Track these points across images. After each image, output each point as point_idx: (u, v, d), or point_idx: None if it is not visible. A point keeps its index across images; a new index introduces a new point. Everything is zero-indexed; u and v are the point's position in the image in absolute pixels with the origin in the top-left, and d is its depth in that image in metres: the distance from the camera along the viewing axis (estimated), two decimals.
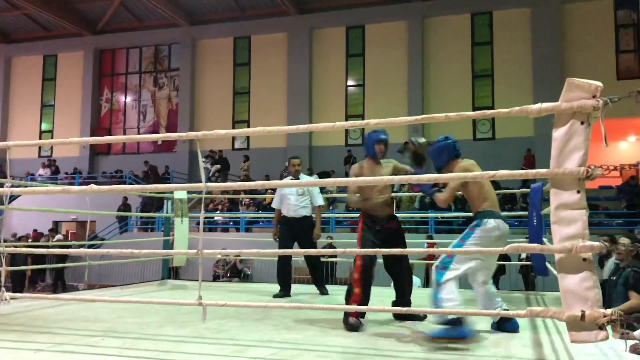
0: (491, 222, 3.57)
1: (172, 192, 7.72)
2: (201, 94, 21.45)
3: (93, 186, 2.95)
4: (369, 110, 19.28)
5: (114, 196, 17.73)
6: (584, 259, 2.23)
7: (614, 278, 4.84)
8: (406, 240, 4.55)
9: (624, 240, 4.40)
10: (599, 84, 2.23)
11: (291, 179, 6.16)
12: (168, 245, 7.93)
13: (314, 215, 6.11)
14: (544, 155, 16.51)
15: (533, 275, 11.67)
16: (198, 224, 11.88)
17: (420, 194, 13.62)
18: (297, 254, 7.43)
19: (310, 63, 20.07)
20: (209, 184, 2.79)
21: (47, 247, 10.62)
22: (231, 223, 16.16)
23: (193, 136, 2.92)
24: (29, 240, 15.98)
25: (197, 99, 21.47)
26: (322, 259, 11.85)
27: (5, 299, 3.08)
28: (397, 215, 4.67)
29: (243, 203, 16.50)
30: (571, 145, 2.26)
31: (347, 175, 17.57)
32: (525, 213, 7.44)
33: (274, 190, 17.21)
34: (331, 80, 20.00)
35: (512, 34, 18.35)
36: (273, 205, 6.35)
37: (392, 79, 19.26)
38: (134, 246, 12.12)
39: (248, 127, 19.84)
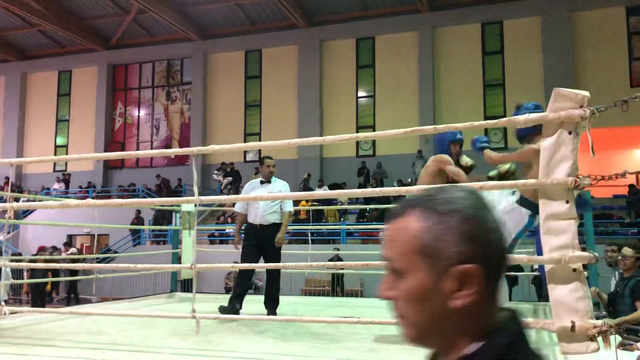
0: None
1: (179, 205, 7.76)
2: (213, 107, 21.63)
3: (90, 200, 2.99)
4: (380, 121, 19.29)
5: (128, 210, 17.88)
6: (574, 270, 2.21)
7: (619, 289, 4.79)
8: None
9: (627, 250, 4.35)
10: (586, 93, 2.22)
11: (262, 182, 5.57)
12: (177, 257, 7.98)
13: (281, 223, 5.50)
14: None
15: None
16: (209, 236, 12.00)
17: None
18: (286, 267, 7.21)
19: (320, 75, 20.16)
20: (202, 197, 2.81)
21: (48, 261, 10.74)
22: (243, 235, 16.18)
23: (189, 151, 2.96)
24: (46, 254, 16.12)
25: (209, 112, 21.65)
26: (329, 271, 11.91)
27: (4, 313, 3.10)
28: None
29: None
30: (559, 155, 2.25)
31: (359, 187, 17.58)
32: None
33: None
34: (342, 91, 20.06)
35: (523, 42, 18.30)
36: (236, 209, 5.80)
37: (402, 89, 19.29)
38: (144, 259, 12.22)
39: (259, 139, 19.93)
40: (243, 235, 5.65)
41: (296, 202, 16.51)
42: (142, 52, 22.59)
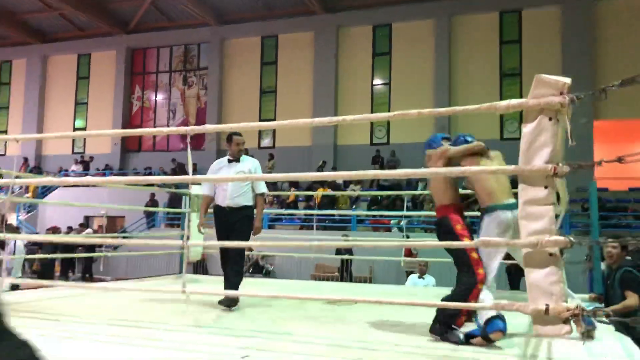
0: (489, 220, 3.47)
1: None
2: (229, 92, 21.74)
3: (89, 178, 3.08)
4: (395, 109, 19.01)
5: (143, 193, 18.11)
6: (550, 254, 2.26)
7: (609, 281, 4.82)
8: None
9: (612, 242, 4.37)
10: (567, 80, 2.25)
11: (230, 161, 5.07)
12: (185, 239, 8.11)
13: (253, 205, 5.07)
14: (572, 157, 16.22)
15: None
16: None
17: None
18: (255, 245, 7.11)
19: (336, 62, 20.13)
20: (195, 176, 2.90)
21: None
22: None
23: (183, 131, 3.04)
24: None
25: (225, 97, 21.77)
26: (337, 256, 11.97)
27: (5, 286, 3.23)
28: None
29: (267, 200, 16.68)
30: (540, 142, 2.29)
31: None
32: None
33: (297, 188, 17.42)
34: (357, 79, 20.02)
35: (542, 32, 18.07)
36: (203, 191, 5.24)
37: (418, 78, 19.19)
38: (155, 240, 12.39)
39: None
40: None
41: (312, 188, 16.68)
42: (160, 37, 22.74)
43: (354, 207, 16.29)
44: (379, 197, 16.13)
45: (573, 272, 10.97)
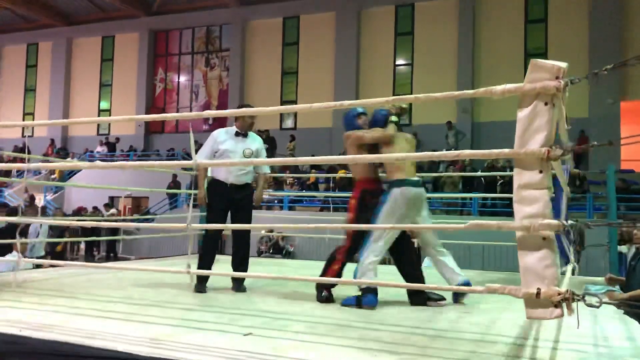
0: (396, 192, 3.98)
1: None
2: (251, 74, 21.80)
3: (98, 162, 3.17)
4: (417, 90, 19.04)
5: (167, 174, 18.36)
6: (544, 238, 2.26)
7: (634, 263, 4.77)
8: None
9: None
10: (563, 64, 2.24)
11: (238, 134, 4.80)
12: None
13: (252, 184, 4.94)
14: (599, 138, 15.95)
15: (577, 260, 11.42)
16: None
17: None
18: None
19: (358, 42, 20.01)
20: (199, 161, 2.96)
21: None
22: (276, 201, 16.48)
23: (179, 116, 3.09)
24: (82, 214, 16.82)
25: (247, 79, 21.84)
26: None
27: (20, 265, 3.36)
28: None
29: (287, 182, 16.78)
30: (535, 126, 2.29)
31: None
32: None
33: (318, 170, 17.47)
34: (379, 59, 19.88)
35: (569, 11, 17.66)
36: (199, 157, 4.67)
37: (441, 58, 18.96)
38: (181, 221, 12.60)
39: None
40: (208, 195, 4.80)
41: (333, 170, 16.69)
42: (182, 19, 22.85)
43: None
44: None
45: (595, 256, 10.92)
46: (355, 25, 19.98)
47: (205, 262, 4.66)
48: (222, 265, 5.78)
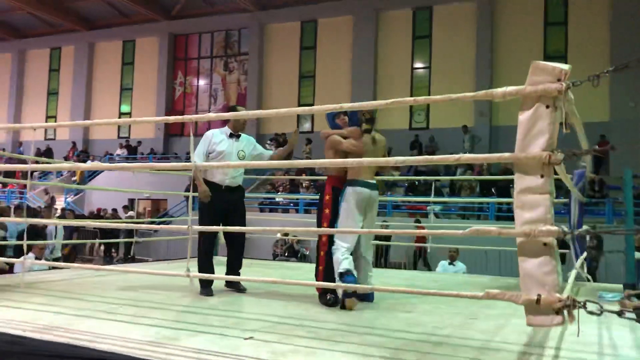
0: (348, 191, 4.20)
1: None
2: (269, 77, 21.88)
3: (97, 163, 3.19)
4: (435, 94, 18.84)
5: (184, 177, 18.46)
6: (545, 244, 2.22)
7: None
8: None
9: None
10: (565, 67, 2.19)
11: (232, 135, 4.76)
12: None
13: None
14: (620, 142, 15.71)
15: (595, 266, 11.22)
16: (259, 204, 12.28)
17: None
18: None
19: (375, 46, 19.97)
20: (198, 163, 2.96)
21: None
22: (291, 204, 16.48)
23: (188, 119, 3.10)
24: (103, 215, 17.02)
25: (265, 82, 21.92)
26: (374, 242, 11.92)
27: (28, 267, 3.39)
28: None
29: (303, 185, 16.78)
30: (536, 130, 2.24)
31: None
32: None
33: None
34: (396, 63, 19.81)
35: (589, 12, 17.41)
36: (200, 161, 4.57)
37: (459, 61, 18.83)
38: (193, 223, 12.68)
39: None
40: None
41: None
42: (201, 23, 23.04)
43: (389, 192, 16.21)
44: (416, 182, 15.99)
45: (614, 262, 10.71)
46: (372, 28, 19.95)
47: (206, 265, 4.62)
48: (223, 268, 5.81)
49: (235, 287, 4.66)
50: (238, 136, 4.79)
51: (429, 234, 3.92)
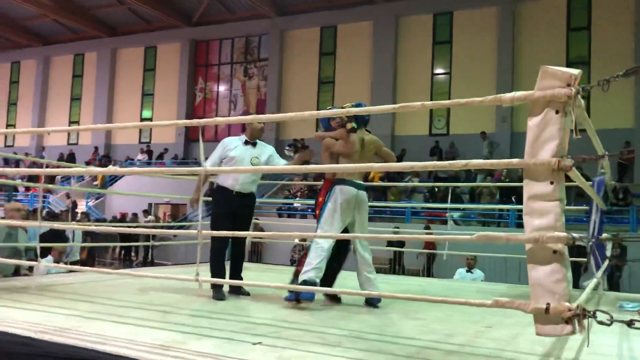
0: (336, 190, 4.30)
1: None
2: (288, 83, 21.96)
3: (112, 167, 3.21)
4: (456, 99, 18.83)
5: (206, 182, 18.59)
6: (554, 251, 2.17)
7: None
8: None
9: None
10: (575, 72, 2.15)
11: (247, 142, 4.86)
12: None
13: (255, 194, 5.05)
14: None
15: (618, 275, 11.02)
16: (278, 209, 12.33)
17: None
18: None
19: (395, 51, 19.92)
20: (208, 167, 2.97)
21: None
22: (309, 210, 16.47)
23: (196, 123, 3.11)
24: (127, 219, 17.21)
25: (284, 88, 22.00)
26: (389, 248, 11.88)
27: (40, 270, 3.43)
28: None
29: None
30: (545, 135, 2.20)
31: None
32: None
33: None
34: (416, 68, 19.73)
35: (613, 16, 17.15)
36: (209, 164, 4.74)
37: (480, 67, 18.70)
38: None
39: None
40: (213, 202, 5.01)
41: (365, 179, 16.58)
42: (222, 29, 23.24)
43: (406, 198, 16.13)
44: (435, 189, 15.88)
45: (638, 271, 10.49)
46: (392, 34, 19.91)
47: (216, 269, 4.65)
48: (249, 273, 5.80)
49: (236, 292, 4.69)
50: (254, 144, 4.86)
51: (436, 239, 3.87)
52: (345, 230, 4.69)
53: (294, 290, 4.08)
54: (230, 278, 4.71)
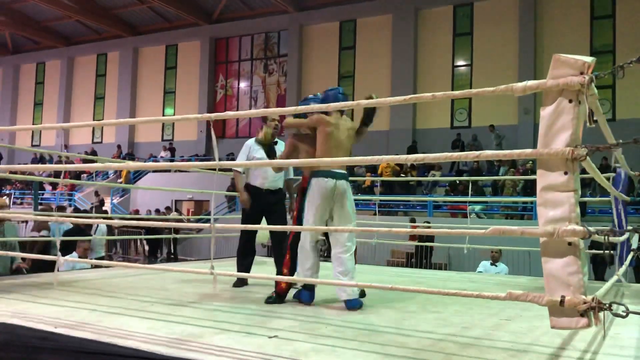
0: (312, 183, 3.99)
1: None
2: (308, 78, 21.95)
3: (130, 163, 3.25)
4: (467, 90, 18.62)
5: (226, 177, 18.72)
6: (569, 243, 2.14)
7: None
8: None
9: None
10: (587, 59, 2.11)
11: (260, 142, 5.14)
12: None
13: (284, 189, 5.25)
14: None
15: None
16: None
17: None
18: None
19: (415, 44, 19.77)
20: (222, 161, 2.99)
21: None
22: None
23: (207, 117, 3.13)
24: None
25: (304, 83, 22.00)
26: (413, 243, 11.86)
27: (62, 264, 3.49)
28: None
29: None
30: (559, 125, 2.17)
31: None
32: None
33: (373, 173, 17.30)
34: (437, 61, 19.56)
35: (638, 4, 16.78)
36: (238, 167, 5.10)
37: (502, 58, 18.47)
38: (233, 223, 12.88)
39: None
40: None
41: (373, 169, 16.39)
42: (241, 26, 23.31)
43: (428, 192, 16.03)
44: (457, 182, 15.76)
45: None
46: (412, 27, 19.76)
47: (240, 261, 5.06)
48: (268, 267, 5.84)
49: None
50: (275, 143, 5.19)
51: (450, 233, 3.80)
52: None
53: (299, 289, 4.08)
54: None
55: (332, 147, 4.04)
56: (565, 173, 2.17)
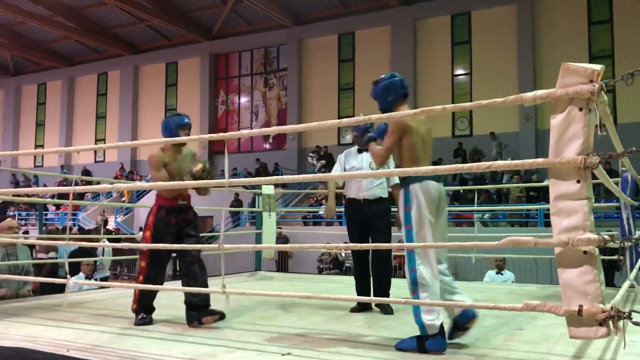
0: (414, 187, 3.13)
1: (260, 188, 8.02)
2: (308, 92, 22.01)
3: (138, 183, 3.25)
4: (477, 100, 18.59)
5: (229, 194, 18.75)
6: (585, 252, 2.13)
7: None
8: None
9: None
10: (597, 67, 2.11)
11: (360, 150, 4.72)
12: (260, 238, 8.29)
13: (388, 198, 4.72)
14: None
15: None
16: (302, 218, 12.26)
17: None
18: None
19: (414, 55, 19.84)
20: (232, 179, 2.99)
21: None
22: (335, 217, 16.44)
23: (221, 137, 3.13)
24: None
25: (304, 97, 22.06)
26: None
27: (71, 285, 3.48)
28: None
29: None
30: (570, 133, 2.16)
31: None
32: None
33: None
34: (436, 70, 19.61)
35: (636, 8, 16.83)
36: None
37: (501, 66, 18.50)
38: (241, 239, 12.89)
39: None
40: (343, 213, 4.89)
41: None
42: (241, 41, 23.42)
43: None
44: (461, 191, 15.72)
45: None
46: (410, 37, 19.84)
47: (360, 283, 4.68)
48: (275, 283, 5.78)
49: (366, 308, 4.48)
50: (367, 150, 4.38)
51: (462, 246, 3.73)
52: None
53: (415, 338, 3.04)
54: (375, 294, 4.48)
55: (424, 151, 3.47)
56: (578, 181, 2.16)
